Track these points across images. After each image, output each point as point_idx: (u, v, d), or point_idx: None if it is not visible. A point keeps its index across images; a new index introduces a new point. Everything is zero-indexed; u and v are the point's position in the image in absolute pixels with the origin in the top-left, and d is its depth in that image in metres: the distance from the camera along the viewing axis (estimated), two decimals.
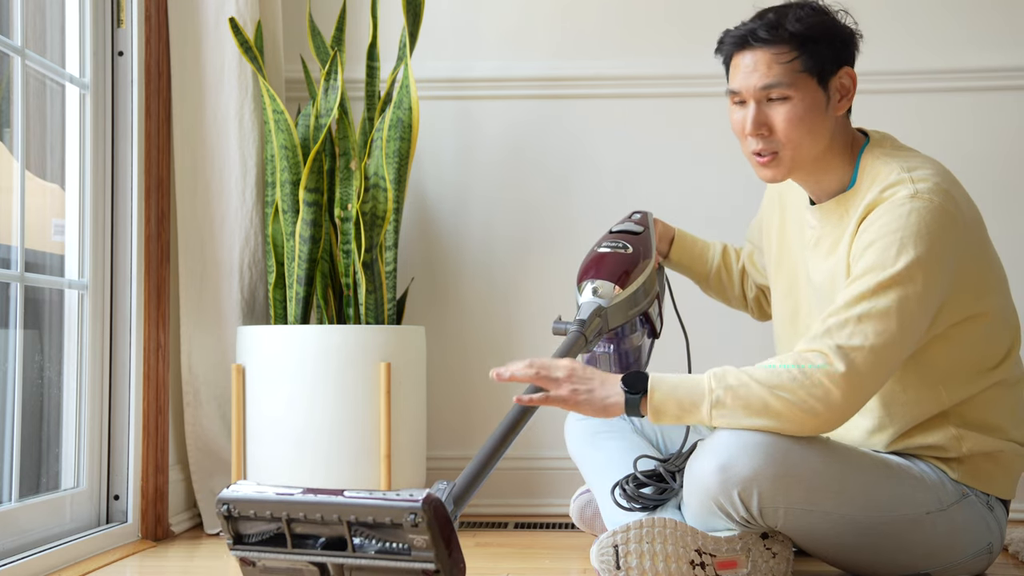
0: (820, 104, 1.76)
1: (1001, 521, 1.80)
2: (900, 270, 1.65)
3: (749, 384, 1.64)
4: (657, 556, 1.65)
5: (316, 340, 2.32)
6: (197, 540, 2.35)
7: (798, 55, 1.74)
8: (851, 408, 1.65)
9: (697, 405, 1.65)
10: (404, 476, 2.38)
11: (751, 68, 1.76)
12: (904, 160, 1.76)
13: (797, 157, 1.78)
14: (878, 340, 1.64)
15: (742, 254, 2.18)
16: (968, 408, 1.77)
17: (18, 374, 1.99)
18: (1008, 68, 2.63)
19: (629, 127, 2.70)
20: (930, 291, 1.67)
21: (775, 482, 1.65)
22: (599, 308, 1.84)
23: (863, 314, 1.65)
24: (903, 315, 1.65)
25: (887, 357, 1.65)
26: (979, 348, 1.77)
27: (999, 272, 1.81)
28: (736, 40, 1.79)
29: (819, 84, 1.76)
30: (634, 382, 1.67)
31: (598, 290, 1.87)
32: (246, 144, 2.46)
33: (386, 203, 2.40)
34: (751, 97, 1.77)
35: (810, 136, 1.76)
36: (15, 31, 2.02)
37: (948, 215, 1.69)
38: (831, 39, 1.77)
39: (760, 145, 1.78)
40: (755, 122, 1.77)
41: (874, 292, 1.65)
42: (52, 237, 2.22)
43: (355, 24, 2.72)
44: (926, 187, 1.69)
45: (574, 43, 2.71)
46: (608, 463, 2.01)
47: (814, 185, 1.85)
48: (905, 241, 1.66)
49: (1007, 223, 2.50)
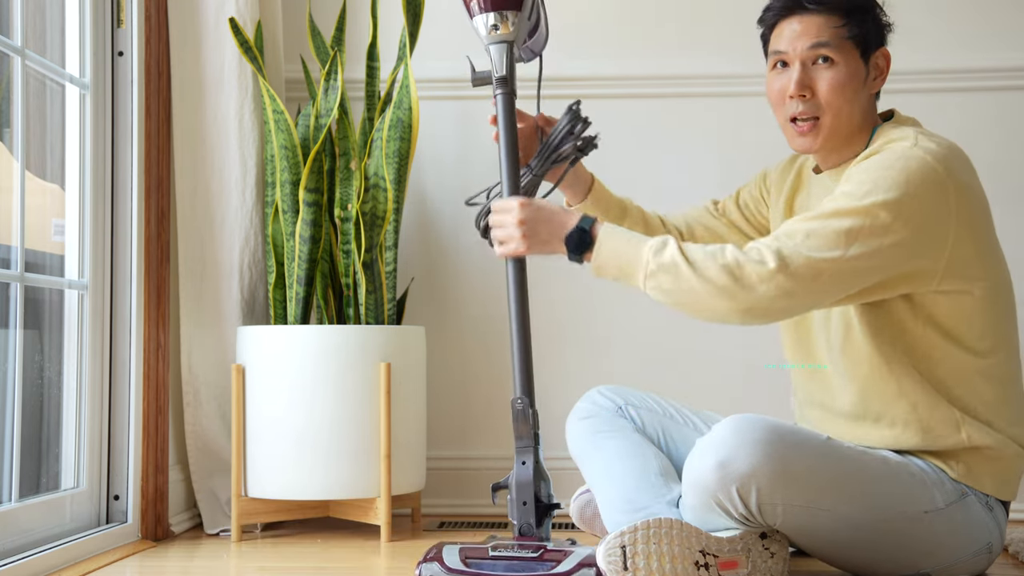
0: (861, 75, 1.82)
1: (1001, 521, 1.81)
2: (864, 205, 1.67)
3: (679, 266, 1.68)
4: (664, 556, 1.65)
5: (316, 340, 2.32)
6: (197, 540, 2.35)
7: (846, 23, 1.80)
8: (768, 306, 1.66)
9: (634, 274, 1.72)
10: (404, 476, 2.38)
11: (799, 32, 1.81)
12: (921, 132, 1.78)
13: (836, 125, 1.81)
14: (817, 254, 1.65)
15: (729, 203, 2.13)
16: (965, 395, 1.77)
17: (18, 374, 1.99)
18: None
19: (629, 127, 2.70)
20: (888, 236, 1.67)
21: (774, 479, 1.65)
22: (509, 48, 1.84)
23: (812, 231, 1.67)
24: (851, 244, 1.66)
25: (821, 274, 1.66)
26: (960, 325, 1.76)
27: (996, 258, 1.80)
28: (787, 4, 1.83)
29: (861, 56, 1.82)
30: (578, 243, 1.74)
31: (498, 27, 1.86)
32: (246, 144, 2.46)
33: (386, 203, 2.40)
34: (797, 58, 1.82)
35: (849, 105, 1.80)
36: (15, 31, 2.02)
37: (935, 176, 1.69)
38: (875, 15, 1.83)
39: (801, 108, 1.81)
40: (799, 83, 1.81)
41: (831, 215, 1.68)
42: (52, 237, 2.22)
43: (355, 24, 2.72)
44: (925, 146, 1.72)
45: (574, 43, 2.71)
46: (609, 463, 2.01)
47: (834, 157, 1.87)
48: (879, 182, 1.68)
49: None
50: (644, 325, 2.67)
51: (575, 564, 1.64)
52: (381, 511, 2.30)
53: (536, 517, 1.76)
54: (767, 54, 1.90)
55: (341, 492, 2.31)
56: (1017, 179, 2.65)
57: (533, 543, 1.70)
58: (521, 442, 1.77)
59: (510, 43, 1.86)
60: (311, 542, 2.32)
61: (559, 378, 2.62)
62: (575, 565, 1.64)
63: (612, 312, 2.68)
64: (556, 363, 2.67)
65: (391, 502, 2.32)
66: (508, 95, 1.85)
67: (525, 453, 1.77)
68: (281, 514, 2.40)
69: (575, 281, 2.68)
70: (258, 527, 2.43)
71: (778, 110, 1.86)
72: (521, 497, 1.75)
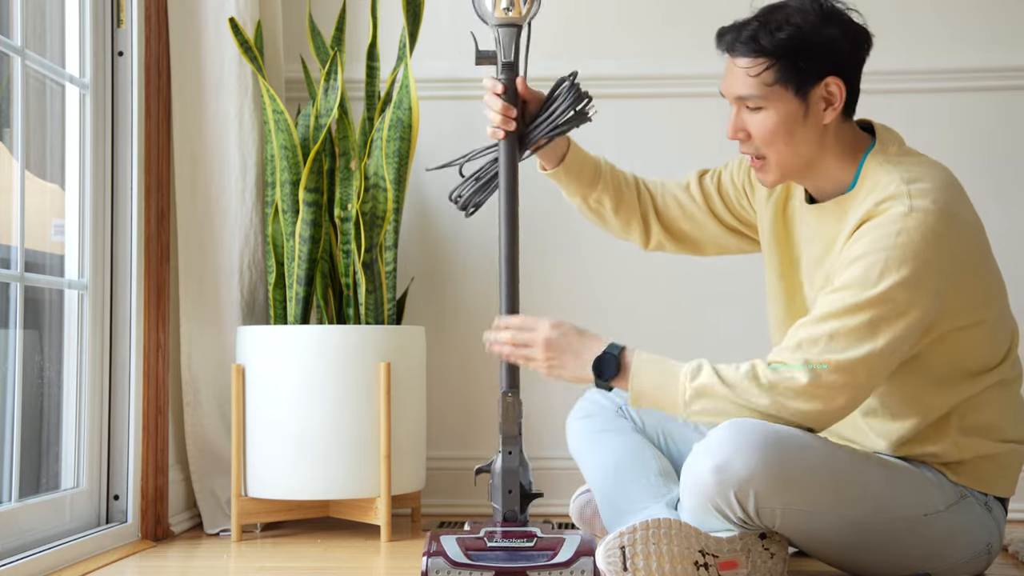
0: (797, 114, 1.75)
1: (1000, 521, 1.81)
2: (880, 292, 1.65)
3: (716, 391, 1.68)
4: (664, 557, 1.65)
5: (316, 340, 2.32)
6: (197, 540, 2.35)
7: (772, 67, 1.73)
8: (817, 422, 1.69)
9: (673, 405, 1.72)
10: (404, 476, 2.38)
11: (728, 78, 1.79)
12: (906, 169, 1.73)
13: (782, 163, 1.78)
14: (846, 356, 1.64)
15: (710, 181, 2.06)
16: (967, 411, 1.77)
17: (18, 374, 1.99)
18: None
19: (629, 127, 2.70)
20: (911, 313, 1.66)
21: (772, 483, 1.65)
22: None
23: (834, 332, 1.66)
24: (876, 336, 1.65)
25: (855, 376, 1.66)
26: (979, 353, 1.77)
27: (998, 279, 1.81)
28: (720, 41, 1.81)
29: (796, 95, 1.75)
30: (605, 368, 1.73)
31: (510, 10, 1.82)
32: (246, 144, 2.46)
33: (386, 203, 2.40)
34: (731, 102, 1.80)
35: (788, 145, 1.76)
36: (15, 31, 2.02)
37: (939, 236, 1.67)
38: (814, 52, 1.73)
39: (744, 147, 1.81)
40: (733, 126, 1.80)
41: (850, 311, 1.66)
42: (52, 237, 2.22)
43: (355, 24, 2.72)
44: (922, 204, 1.67)
45: (574, 43, 2.71)
46: (609, 462, 2.01)
47: (813, 187, 1.85)
48: (890, 263, 1.65)
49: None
50: (647, 324, 2.66)
51: (572, 553, 1.68)
52: (381, 511, 2.30)
53: (520, 504, 1.80)
54: None
55: (341, 492, 2.31)
56: (1017, 179, 2.65)
57: (518, 528, 1.76)
58: (509, 433, 1.79)
59: (519, 27, 1.84)
60: (311, 542, 2.32)
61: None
62: (573, 554, 1.68)
63: (614, 311, 2.68)
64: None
65: (391, 502, 2.32)
66: (512, 82, 1.84)
67: (512, 443, 1.79)
68: (281, 514, 2.40)
69: (575, 281, 2.68)
70: (258, 527, 2.43)
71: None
72: (507, 485, 1.79)
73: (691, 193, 2.05)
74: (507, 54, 1.84)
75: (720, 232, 2.05)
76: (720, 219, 2.04)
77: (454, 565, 1.67)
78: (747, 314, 2.39)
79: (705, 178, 2.06)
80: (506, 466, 1.79)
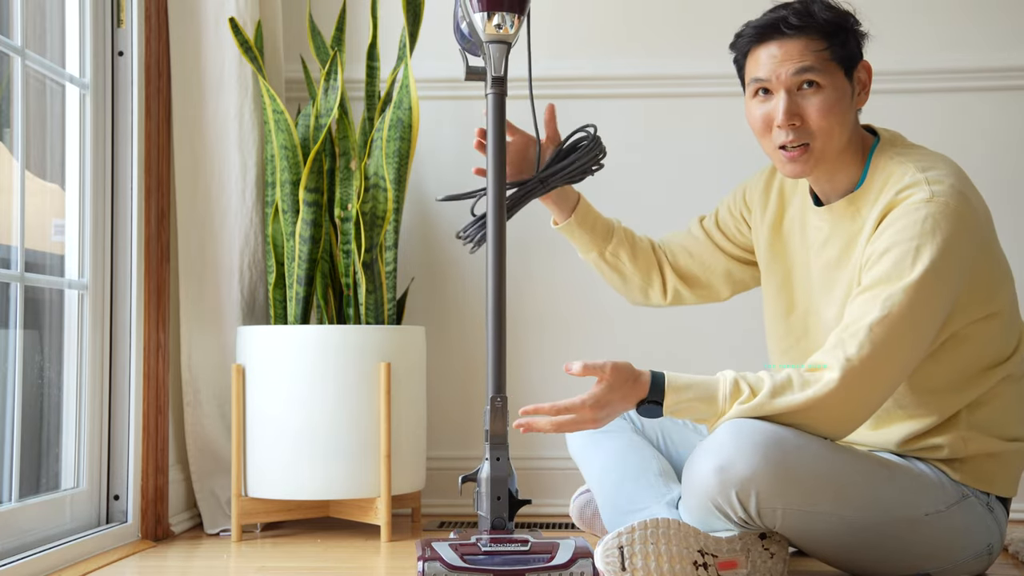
0: (847, 95, 1.78)
1: (1001, 522, 1.81)
2: (915, 280, 1.66)
3: (761, 402, 1.68)
4: (662, 556, 1.65)
5: (316, 340, 2.32)
6: (197, 540, 2.35)
7: (828, 44, 1.75)
8: (859, 416, 1.69)
9: (714, 419, 1.72)
10: (404, 476, 2.38)
11: (781, 57, 1.76)
12: (918, 160, 1.75)
13: (827, 149, 1.78)
14: (887, 349, 1.65)
15: (709, 221, 2.11)
16: (976, 405, 1.77)
17: (18, 374, 1.99)
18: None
19: (629, 127, 2.70)
20: (942, 298, 1.68)
21: (773, 483, 1.65)
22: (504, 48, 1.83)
23: (874, 323, 1.66)
24: (916, 324, 1.66)
25: (897, 364, 1.67)
26: (994, 345, 1.78)
27: (1006, 267, 1.82)
28: (762, 29, 1.77)
29: (846, 75, 1.77)
30: (651, 414, 1.73)
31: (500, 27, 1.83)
32: (246, 144, 2.46)
33: (386, 203, 2.40)
34: (782, 86, 1.76)
35: (840, 127, 1.77)
36: (15, 31, 2.02)
37: (963, 219, 1.69)
38: (854, 31, 1.79)
39: (790, 136, 1.77)
40: (787, 112, 1.76)
41: (888, 301, 1.66)
42: (52, 237, 2.22)
43: (355, 24, 2.72)
44: (941, 189, 1.69)
45: (573, 43, 2.71)
46: (608, 463, 2.01)
47: (826, 183, 1.85)
48: (921, 249, 1.66)
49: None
50: (647, 328, 2.66)
51: (570, 556, 1.67)
52: (381, 511, 2.30)
53: (508, 511, 1.79)
54: (743, 81, 1.84)
55: (341, 492, 2.31)
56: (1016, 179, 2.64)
57: (506, 535, 1.74)
58: (496, 439, 1.78)
59: (509, 44, 1.85)
60: (311, 542, 2.32)
61: (559, 377, 2.62)
62: (571, 556, 1.67)
63: (613, 311, 2.68)
64: (557, 362, 2.66)
65: (391, 502, 2.32)
66: (501, 95, 1.85)
67: (500, 449, 1.78)
68: (281, 514, 2.40)
69: (576, 280, 2.68)
70: (258, 527, 2.43)
71: (763, 138, 1.81)
72: (496, 492, 1.77)
73: (694, 235, 2.11)
74: (497, 69, 1.84)
75: (730, 266, 2.08)
76: (726, 252, 2.08)
77: (451, 568, 1.65)
78: (747, 323, 2.39)
79: (704, 220, 2.11)
80: (494, 474, 1.77)
